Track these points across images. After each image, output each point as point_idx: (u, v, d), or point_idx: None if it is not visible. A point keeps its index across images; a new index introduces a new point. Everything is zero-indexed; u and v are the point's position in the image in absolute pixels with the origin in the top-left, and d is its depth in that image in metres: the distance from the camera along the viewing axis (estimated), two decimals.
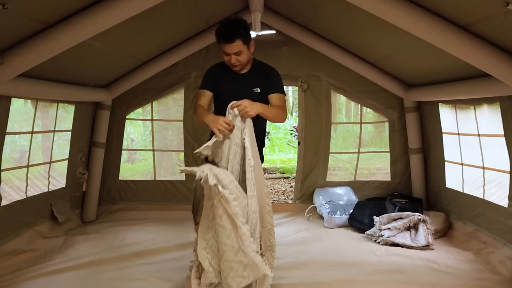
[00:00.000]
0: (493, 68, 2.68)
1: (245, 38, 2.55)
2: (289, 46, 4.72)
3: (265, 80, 2.70)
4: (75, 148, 4.20)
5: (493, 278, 2.99)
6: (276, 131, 12.22)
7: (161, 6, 2.84)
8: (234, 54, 2.56)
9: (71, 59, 3.21)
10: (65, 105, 4.00)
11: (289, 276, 3.04)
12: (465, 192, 3.87)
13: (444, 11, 2.62)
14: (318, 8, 3.85)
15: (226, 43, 2.52)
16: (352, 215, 4.26)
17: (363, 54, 4.47)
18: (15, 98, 3.24)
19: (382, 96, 4.72)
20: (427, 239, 3.65)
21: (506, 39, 2.53)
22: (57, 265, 3.15)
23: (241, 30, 2.53)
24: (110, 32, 2.88)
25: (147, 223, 4.18)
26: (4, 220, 3.23)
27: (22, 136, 3.70)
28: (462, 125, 3.87)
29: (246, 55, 2.61)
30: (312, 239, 3.93)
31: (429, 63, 3.70)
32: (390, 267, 3.22)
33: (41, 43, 2.63)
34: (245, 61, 2.63)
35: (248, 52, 2.63)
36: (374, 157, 5.17)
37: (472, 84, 3.31)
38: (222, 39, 2.53)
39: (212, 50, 4.66)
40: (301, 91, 4.78)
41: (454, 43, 2.67)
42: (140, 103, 4.77)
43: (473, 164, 3.72)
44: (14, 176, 3.45)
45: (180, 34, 4.33)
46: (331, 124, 4.83)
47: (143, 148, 5.97)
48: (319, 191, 4.75)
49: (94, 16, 2.63)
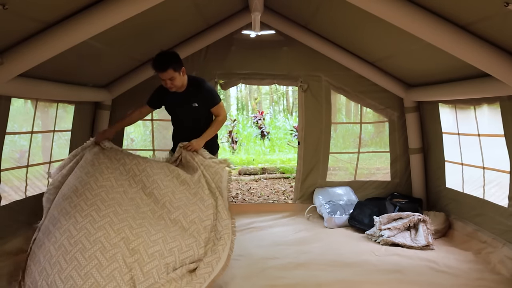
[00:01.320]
0: (493, 68, 2.68)
1: (175, 67, 3.12)
2: (289, 46, 4.72)
3: (201, 96, 3.32)
4: (75, 148, 4.18)
5: (493, 278, 2.99)
6: (276, 131, 12.22)
7: (161, 6, 2.84)
8: (168, 80, 3.15)
9: (71, 59, 3.21)
10: (65, 105, 3.99)
11: (289, 276, 3.04)
12: (465, 192, 3.87)
13: (444, 11, 2.62)
14: (318, 8, 3.85)
15: (160, 72, 3.12)
16: (352, 215, 4.26)
17: (363, 54, 4.47)
18: (15, 98, 3.23)
19: (382, 96, 4.72)
20: (427, 239, 3.65)
21: (506, 39, 2.53)
22: None
23: (171, 61, 3.11)
24: (110, 32, 2.88)
25: None
26: (4, 220, 3.23)
27: (22, 136, 3.69)
28: (462, 125, 3.87)
29: (179, 80, 3.20)
30: (312, 239, 3.93)
31: (429, 63, 3.70)
32: (390, 267, 3.22)
33: (41, 43, 2.62)
34: (179, 84, 3.23)
35: (181, 77, 3.21)
36: (374, 157, 5.17)
37: (472, 84, 3.31)
38: (156, 69, 3.13)
39: (212, 50, 4.66)
40: (301, 91, 4.78)
41: (454, 43, 2.67)
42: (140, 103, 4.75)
43: (473, 164, 3.72)
44: (13, 176, 3.45)
45: (180, 34, 4.32)
46: (331, 124, 4.83)
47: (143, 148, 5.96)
48: (319, 191, 4.75)
49: (94, 16, 2.63)
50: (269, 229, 4.24)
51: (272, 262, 3.32)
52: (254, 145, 11.03)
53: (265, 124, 12.42)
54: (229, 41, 4.68)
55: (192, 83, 3.35)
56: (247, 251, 3.52)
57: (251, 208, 5.04)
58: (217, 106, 3.40)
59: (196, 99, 3.32)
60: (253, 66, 4.76)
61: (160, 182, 2.88)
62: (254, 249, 3.59)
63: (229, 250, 2.72)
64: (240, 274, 3.10)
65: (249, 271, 3.15)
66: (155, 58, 3.14)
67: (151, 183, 2.87)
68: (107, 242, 2.37)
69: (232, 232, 2.79)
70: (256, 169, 8.07)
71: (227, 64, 4.69)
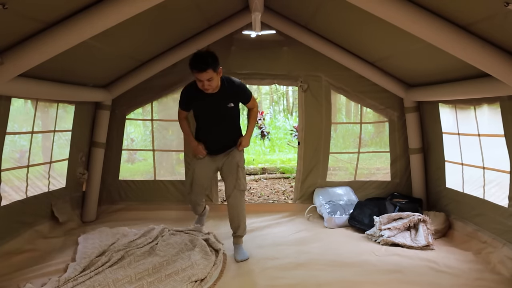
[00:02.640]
0: (493, 68, 2.67)
1: (215, 67, 3.04)
2: (289, 46, 4.72)
3: (236, 95, 3.32)
4: (75, 148, 4.20)
5: (493, 278, 2.99)
6: (276, 131, 12.22)
7: (162, 6, 2.84)
8: (206, 81, 3.05)
9: (71, 59, 3.21)
10: (65, 105, 4.00)
11: (289, 276, 3.04)
12: (465, 192, 3.87)
13: (444, 11, 2.62)
14: (318, 8, 3.85)
15: (199, 72, 3.01)
16: (352, 215, 4.26)
17: (363, 54, 4.47)
18: (15, 98, 3.24)
19: (382, 96, 4.72)
20: (427, 239, 3.65)
21: (506, 39, 2.53)
22: (57, 265, 3.15)
23: (210, 61, 3.01)
24: (110, 32, 2.88)
25: (147, 223, 4.18)
26: (4, 220, 3.23)
27: (22, 136, 3.69)
28: (462, 125, 3.87)
29: (216, 81, 3.12)
30: (312, 239, 3.93)
31: (429, 63, 3.70)
32: (390, 267, 3.22)
33: (41, 43, 2.62)
34: (215, 85, 3.15)
35: (218, 77, 3.13)
36: (374, 157, 5.17)
37: (472, 84, 3.31)
38: (195, 69, 3.01)
39: (212, 49, 4.63)
40: (301, 91, 4.78)
41: (454, 43, 2.67)
42: (140, 103, 4.76)
43: (473, 164, 3.72)
44: (14, 176, 3.45)
45: (180, 34, 4.32)
46: (331, 124, 4.83)
47: (143, 148, 5.96)
48: (319, 191, 4.75)
49: (94, 16, 2.63)
50: (269, 229, 4.24)
51: (272, 262, 3.32)
52: (254, 145, 11.02)
53: (265, 124, 12.41)
54: (229, 41, 4.68)
55: (226, 83, 3.28)
56: (247, 251, 3.52)
57: (251, 208, 5.03)
58: (251, 99, 3.43)
59: (232, 98, 3.30)
60: (253, 66, 4.76)
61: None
62: (254, 249, 3.59)
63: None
64: (240, 274, 3.10)
65: (249, 271, 3.15)
66: (193, 58, 3.05)
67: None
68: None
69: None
70: (256, 169, 8.07)
71: (227, 64, 4.68)
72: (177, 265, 3.13)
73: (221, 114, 3.35)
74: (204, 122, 3.45)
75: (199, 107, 3.37)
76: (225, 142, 3.47)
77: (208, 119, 3.41)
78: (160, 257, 3.28)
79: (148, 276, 2.95)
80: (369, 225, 4.03)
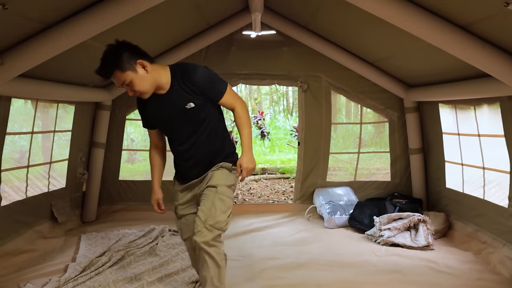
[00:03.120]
0: (493, 68, 2.67)
1: (121, 66, 2.11)
2: (289, 46, 4.72)
3: (195, 89, 2.21)
4: (75, 148, 4.20)
5: (493, 278, 2.99)
6: (276, 132, 12.22)
7: (162, 6, 2.84)
8: (126, 86, 2.17)
9: (71, 59, 3.20)
10: (65, 105, 4.00)
11: (289, 276, 3.04)
12: (465, 193, 3.87)
13: (444, 11, 2.62)
14: (318, 8, 3.86)
15: (106, 79, 2.20)
16: (352, 216, 4.26)
17: (363, 54, 4.47)
18: (15, 98, 3.23)
19: (382, 96, 4.72)
20: (427, 240, 3.65)
21: (506, 39, 2.53)
22: (57, 265, 3.15)
23: (110, 60, 2.13)
24: (111, 32, 2.87)
25: (147, 223, 4.18)
26: (4, 220, 3.23)
27: (22, 136, 3.69)
28: (462, 125, 3.87)
29: (140, 80, 2.15)
30: (312, 239, 3.93)
31: (429, 63, 3.70)
32: (390, 267, 3.22)
33: (41, 43, 2.62)
34: (145, 87, 2.17)
35: (144, 75, 2.15)
36: (374, 157, 5.17)
37: (472, 84, 3.31)
38: (101, 77, 2.18)
39: (212, 50, 4.66)
40: (301, 91, 4.78)
41: (454, 43, 2.67)
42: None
43: (473, 164, 3.72)
44: (14, 176, 3.45)
45: (180, 34, 4.32)
46: (331, 124, 4.83)
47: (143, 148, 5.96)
48: (319, 191, 4.75)
49: (94, 16, 2.63)
50: (269, 230, 4.24)
51: (272, 262, 3.32)
52: (254, 145, 11.02)
53: (265, 124, 12.41)
54: (230, 41, 4.68)
55: (176, 74, 2.23)
56: (247, 251, 3.52)
57: (251, 208, 5.05)
58: (225, 95, 2.27)
59: (190, 95, 2.21)
60: (253, 67, 4.76)
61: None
62: (254, 250, 3.59)
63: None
64: (241, 274, 3.10)
65: (249, 272, 3.15)
66: (99, 63, 2.19)
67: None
68: None
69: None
70: (256, 169, 8.08)
71: (227, 64, 4.69)
72: (177, 265, 3.13)
73: (182, 122, 2.27)
74: (169, 140, 2.43)
75: (153, 117, 2.36)
76: (201, 164, 2.34)
77: (169, 133, 2.40)
78: (160, 258, 3.28)
79: (148, 276, 2.95)
80: (369, 225, 4.03)
